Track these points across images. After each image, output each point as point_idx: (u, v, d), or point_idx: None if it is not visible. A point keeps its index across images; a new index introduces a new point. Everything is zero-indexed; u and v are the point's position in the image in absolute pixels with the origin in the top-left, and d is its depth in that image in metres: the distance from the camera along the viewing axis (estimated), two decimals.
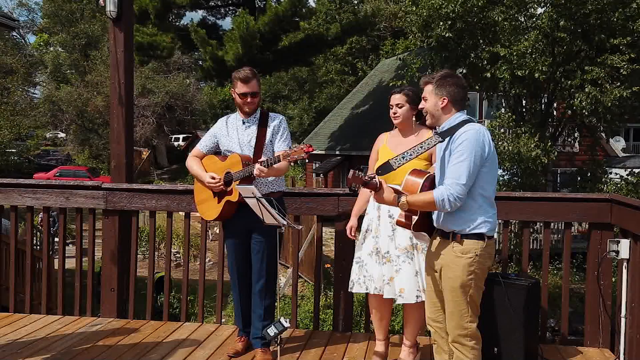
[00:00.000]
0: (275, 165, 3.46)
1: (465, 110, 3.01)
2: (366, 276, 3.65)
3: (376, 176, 2.86)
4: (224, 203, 3.69)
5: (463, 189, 2.79)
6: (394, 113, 3.62)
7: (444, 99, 2.94)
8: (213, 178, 3.67)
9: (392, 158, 2.95)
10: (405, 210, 2.93)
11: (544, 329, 4.20)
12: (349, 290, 3.76)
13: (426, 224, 3.03)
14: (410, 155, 2.93)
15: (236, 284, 3.89)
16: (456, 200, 2.79)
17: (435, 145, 2.96)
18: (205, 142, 3.91)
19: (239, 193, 3.55)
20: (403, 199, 2.87)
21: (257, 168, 3.45)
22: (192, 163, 3.88)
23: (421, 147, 2.94)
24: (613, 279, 4.08)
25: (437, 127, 3.05)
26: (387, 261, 3.57)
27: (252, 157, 3.64)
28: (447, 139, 2.91)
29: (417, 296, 3.49)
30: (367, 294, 3.77)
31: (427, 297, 3.20)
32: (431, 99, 2.98)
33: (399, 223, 3.07)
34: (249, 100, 3.69)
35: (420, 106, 3.07)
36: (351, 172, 2.80)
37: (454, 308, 2.95)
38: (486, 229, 2.90)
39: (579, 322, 5.11)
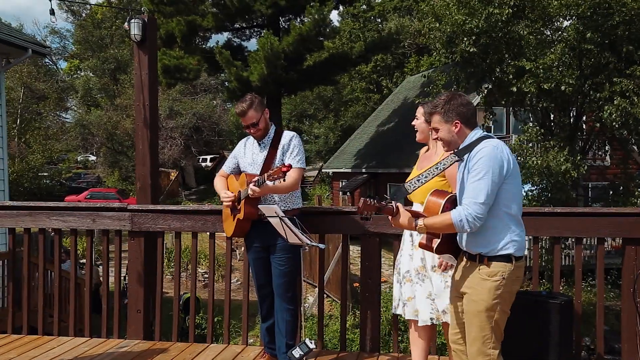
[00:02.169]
0: (269, 184, 3.48)
1: (479, 127, 2.93)
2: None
3: (393, 201, 2.80)
4: (236, 220, 3.81)
5: (482, 208, 2.70)
6: (413, 125, 3.62)
7: (456, 122, 2.87)
8: (225, 194, 3.85)
9: (406, 182, 2.89)
10: (423, 233, 2.84)
11: (578, 348, 4.07)
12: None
13: (450, 246, 2.94)
14: (426, 177, 2.88)
15: (258, 299, 4.01)
16: (475, 220, 2.70)
17: (451, 164, 2.90)
18: (228, 164, 4.09)
19: (244, 212, 3.69)
20: (420, 222, 2.79)
21: (250, 188, 3.58)
22: (216, 181, 4.08)
23: (436, 168, 2.88)
24: None
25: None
26: (407, 281, 3.55)
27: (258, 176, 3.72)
28: (465, 158, 2.84)
29: (430, 318, 3.43)
30: None
31: (450, 320, 3.11)
32: (443, 127, 2.90)
33: (421, 245, 2.98)
34: (251, 130, 3.83)
35: (433, 138, 2.99)
36: (362, 200, 2.75)
37: (477, 333, 2.84)
38: (514, 249, 2.80)
39: (615, 341, 4.95)
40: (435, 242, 2.88)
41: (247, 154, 3.94)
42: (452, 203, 2.89)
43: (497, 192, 2.75)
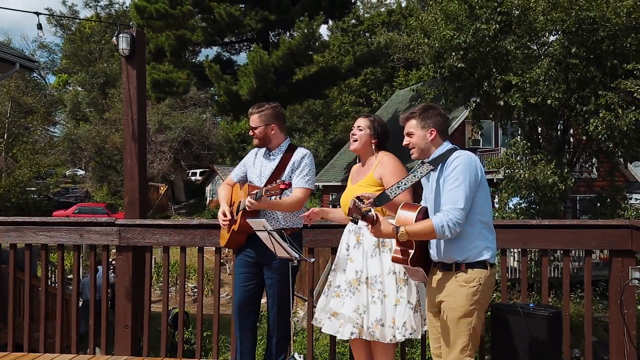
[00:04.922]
0: (269, 199, 3.42)
1: (448, 141, 3.00)
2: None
3: (372, 209, 2.81)
4: (231, 232, 3.74)
5: (462, 213, 2.76)
6: (353, 134, 3.64)
7: (432, 130, 2.95)
8: (224, 215, 3.69)
9: (387, 188, 2.92)
10: (404, 240, 2.85)
11: None
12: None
13: (423, 259, 2.97)
14: (405, 184, 2.91)
15: (235, 314, 3.85)
16: (455, 225, 2.75)
17: (426, 173, 2.94)
18: (236, 172, 4.00)
19: (239, 224, 3.59)
20: (402, 229, 2.81)
21: (247, 200, 3.46)
22: (220, 190, 3.97)
23: (414, 176, 2.92)
24: (638, 307, 3.97)
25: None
26: (336, 295, 3.53)
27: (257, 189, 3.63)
28: (438, 167, 2.89)
29: (351, 332, 3.38)
30: None
31: (429, 333, 3.14)
32: (417, 132, 2.97)
33: (394, 259, 2.98)
34: (250, 133, 3.81)
35: (404, 143, 3.03)
36: (352, 201, 2.76)
37: (454, 340, 2.88)
38: (489, 255, 2.88)
39: (604, 352, 4.96)
40: (410, 254, 2.88)
41: (257, 164, 3.86)
42: (423, 214, 2.94)
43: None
